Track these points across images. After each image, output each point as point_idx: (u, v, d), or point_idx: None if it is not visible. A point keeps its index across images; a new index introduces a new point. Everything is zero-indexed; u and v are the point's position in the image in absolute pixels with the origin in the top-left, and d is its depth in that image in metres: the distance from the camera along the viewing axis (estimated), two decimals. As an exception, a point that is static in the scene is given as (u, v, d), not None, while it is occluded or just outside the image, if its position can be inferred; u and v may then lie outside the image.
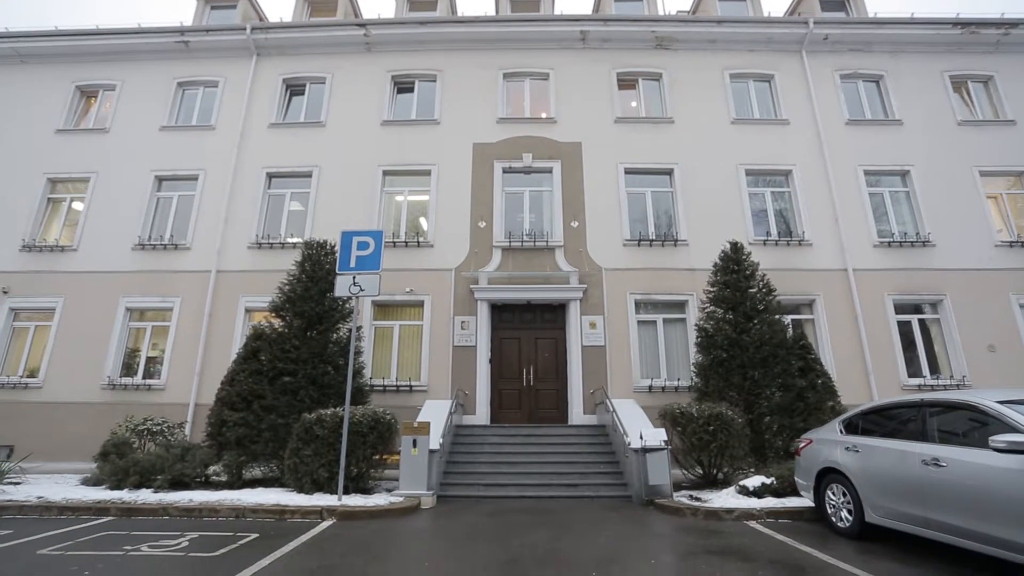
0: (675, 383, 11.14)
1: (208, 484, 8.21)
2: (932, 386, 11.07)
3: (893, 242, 12.14)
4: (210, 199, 12.82)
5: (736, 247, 10.36)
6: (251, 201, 12.79)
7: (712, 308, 10.15)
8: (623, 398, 10.25)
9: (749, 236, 12.07)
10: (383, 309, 12.14)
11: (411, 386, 11.23)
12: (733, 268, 10.14)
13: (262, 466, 8.81)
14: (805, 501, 6.68)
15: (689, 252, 12.11)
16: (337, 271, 8.21)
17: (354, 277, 8.02)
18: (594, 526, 6.32)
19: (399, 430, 8.13)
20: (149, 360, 12.06)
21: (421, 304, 11.89)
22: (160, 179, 13.18)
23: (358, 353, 9.95)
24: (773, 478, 7.40)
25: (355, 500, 7.21)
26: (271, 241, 12.39)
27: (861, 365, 11.30)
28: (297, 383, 8.92)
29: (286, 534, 5.86)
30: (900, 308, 11.89)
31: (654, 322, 11.85)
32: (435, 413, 9.15)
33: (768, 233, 12.39)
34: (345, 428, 7.45)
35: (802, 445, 6.65)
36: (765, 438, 8.81)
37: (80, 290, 12.18)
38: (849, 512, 5.63)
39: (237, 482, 8.30)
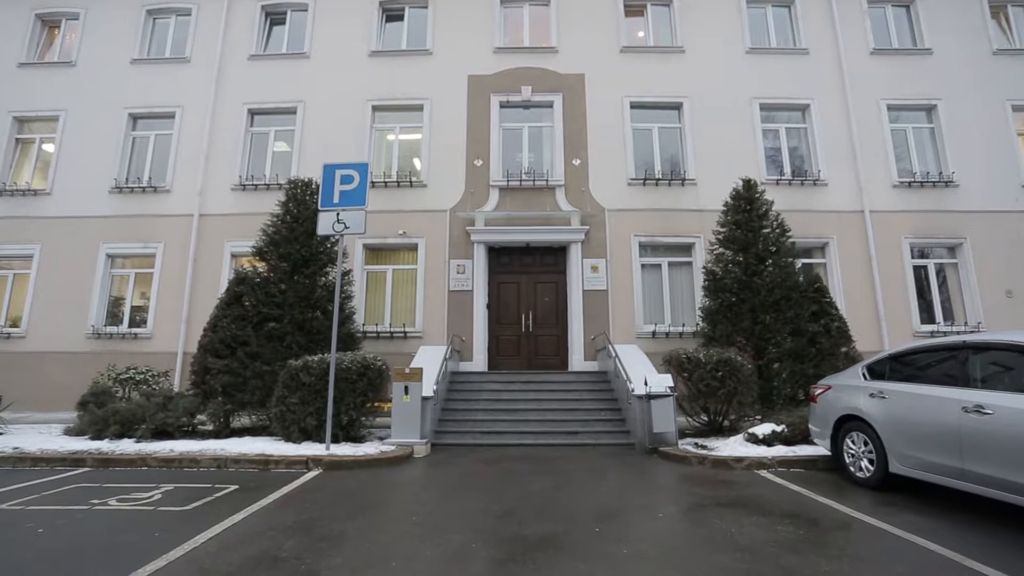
0: (680, 329, 10.64)
1: (194, 433, 7.82)
2: (945, 332, 10.55)
3: (914, 182, 11.34)
4: (189, 138, 11.93)
5: (749, 185, 9.60)
6: (233, 140, 11.90)
7: (721, 250, 9.50)
8: (626, 344, 9.74)
9: (761, 175, 11.25)
10: (375, 253, 11.49)
11: (405, 332, 10.74)
12: (745, 207, 9.42)
13: (252, 415, 8.41)
14: (818, 449, 6.27)
15: (697, 192, 11.33)
16: (319, 208, 7.51)
17: (338, 214, 7.33)
18: (595, 475, 5.92)
19: (391, 377, 7.66)
20: (135, 308, 11.54)
21: (415, 247, 11.24)
22: (134, 117, 12.24)
23: (348, 298, 9.44)
24: (783, 425, 6.98)
25: (344, 449, 6.82)
26: (255, 183, 11.59)
27: (873, 311, 10.76)
28: (283, 329, 8.39)
29: (268, 485, 5.45)
30: (916, 252, 11.24)
31: (659, 265, 11.23)
32: (429, 359, 8.67)
33: (781, 172, 11.59)
34: (332, 374, 6.96)
35: (819, 391, 6.16)
36: (773, 385, 8.35)
37: (57, 236, 11.50)
38: (870, 462, 5.18)
39: (224, 431, 7.92)
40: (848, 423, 5.52)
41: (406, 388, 7.35)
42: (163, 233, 11.49)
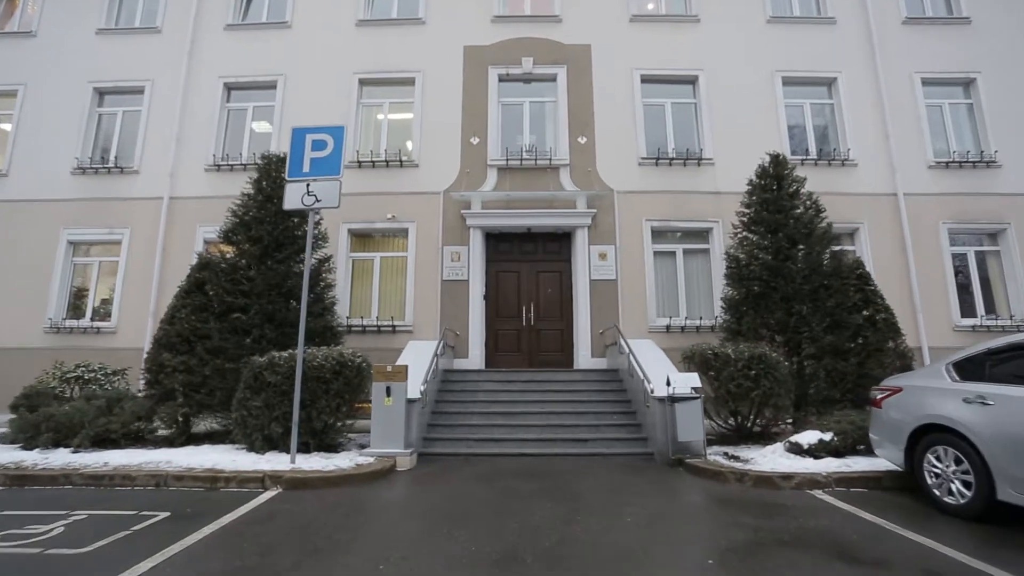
0: (696, 322, 9.48)
1: (144, 441, 6.64)
2: (988, 327, 9.42)
3: (952, 163, 10.17)
4: (159, 115, 10.74)
5: (777, 160, 8.42)
6: (207, 117, 10.71)
7: (745, 233, 8.33)
8: (639, 339, 8.58)
9: (785, 154, 10.03)
10: (361, 239, 10.33)
11: (394, 326, 9.57)
12: (772, 186, 8.25)
13: (215, 418, 7.24)
14: (878, 463, 5.17)
15: (715, 172, 10.17)
16: (286, 178, 6.34)
17: (308, 185, 6.16)
18: (615, 496, 4.76)
19: (372, 375, 6.49)
20: (99, 300, 10.36)
21: (405, 233, 10.06)
22: (100, 92, 11.05)
23: (328, 287, 8.30)
24: (831, 433, 5.82)
25: (313, 462, 5.65)
26: (231, 163, 10.41)
27: (908, 303, 9.58)
28: (250, 321, 7.21)
29: (209, 512, 4.29)
30: (955, 239, 10.08)
31: (673, 253, 10.06)
32: (417, 355, 7.51)
33: (807, 151, 10.42)
34: (298, 373, 5.80)
35: (883, 395, 5.00)
36: (811, 385, 7.18)
37: (14, 221, 10.32)
38: (965, 485, 4.03)
39: (180, 438, 6.75)
40: (930, 435, 4.36)
41: (388, 389, 6.18)
42: (130, 218, 10.31)
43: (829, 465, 5.40)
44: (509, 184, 9.98)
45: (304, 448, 6.13)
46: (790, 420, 7.13)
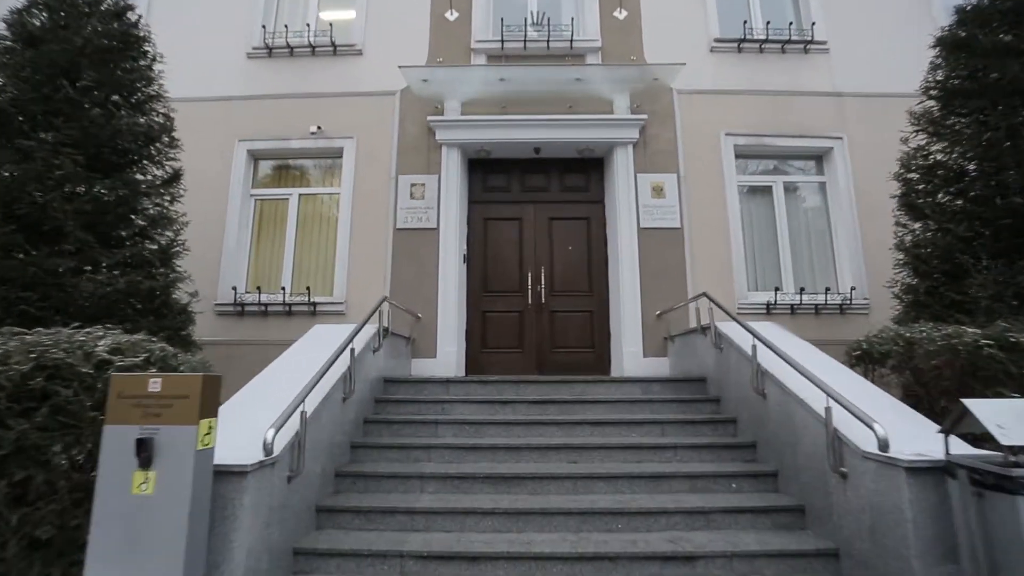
0: (816, 299, 5.40)
1: None
2: None
3: None
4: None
5: (1004, -12, 4.34)
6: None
7: (942, 122, 4.27)
8: (726, 322, 4.48)
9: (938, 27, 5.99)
10: (274, 172, 6.22)
11: (314, 304, 5.45)
12: (995, 27, 4.20)
13: None
14: None
15: (831, 65, 6.09)
16: None
17: None
18: None
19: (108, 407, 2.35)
20: None
21: (339, 155, 5.95)
22: None
23: (165, 220, 4.22)
24: None
25: None
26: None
27: None
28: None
29: None
30: None
31: (768, 188, 5.97)
32: (315, 351, 3.40)
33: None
34: None
35: None
36: None
37: None
38: None
39: None
40: None
41: (142, 448, 2.02)
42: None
43: None
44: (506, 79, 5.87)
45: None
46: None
